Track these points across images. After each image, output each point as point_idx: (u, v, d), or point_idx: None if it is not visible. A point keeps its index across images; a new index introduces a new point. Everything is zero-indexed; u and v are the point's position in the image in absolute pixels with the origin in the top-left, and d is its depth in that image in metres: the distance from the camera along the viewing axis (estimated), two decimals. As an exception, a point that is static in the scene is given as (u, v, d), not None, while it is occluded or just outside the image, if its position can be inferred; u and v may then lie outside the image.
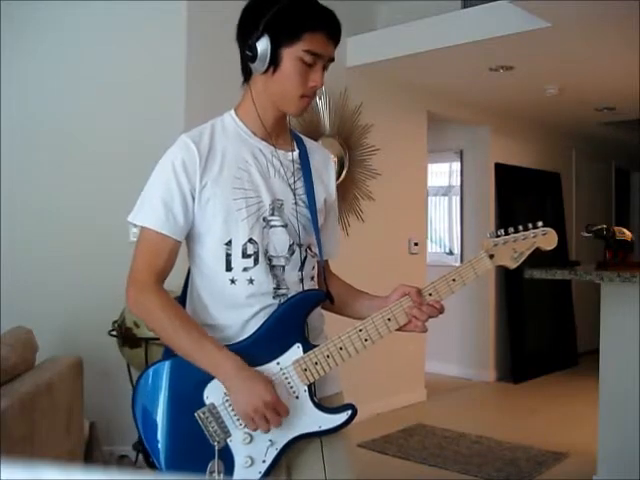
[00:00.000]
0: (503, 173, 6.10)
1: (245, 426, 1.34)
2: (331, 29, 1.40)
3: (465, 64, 4.49)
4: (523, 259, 1.45)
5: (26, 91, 3.73)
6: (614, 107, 5.78)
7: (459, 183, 6.18)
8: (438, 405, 5.16)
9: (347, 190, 4.46)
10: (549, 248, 1.46)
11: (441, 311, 1.43)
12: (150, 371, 1.41)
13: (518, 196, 6.24)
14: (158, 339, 3.07)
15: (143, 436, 1.39)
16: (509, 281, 6.01)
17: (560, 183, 6.96)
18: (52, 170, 3.68)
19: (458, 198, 6.20)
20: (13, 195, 3.68)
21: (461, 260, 6.08)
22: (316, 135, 4.33)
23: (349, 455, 1.51)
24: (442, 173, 6.31)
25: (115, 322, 3.23)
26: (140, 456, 3.29)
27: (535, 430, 4.44)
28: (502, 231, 1.45)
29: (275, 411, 1.31)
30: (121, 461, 3.33)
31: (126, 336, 3.14)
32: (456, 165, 6.20)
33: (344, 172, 4.46)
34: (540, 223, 1.46)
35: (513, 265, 1.45)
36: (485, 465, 3.76)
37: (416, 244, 5.17)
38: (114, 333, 3.23)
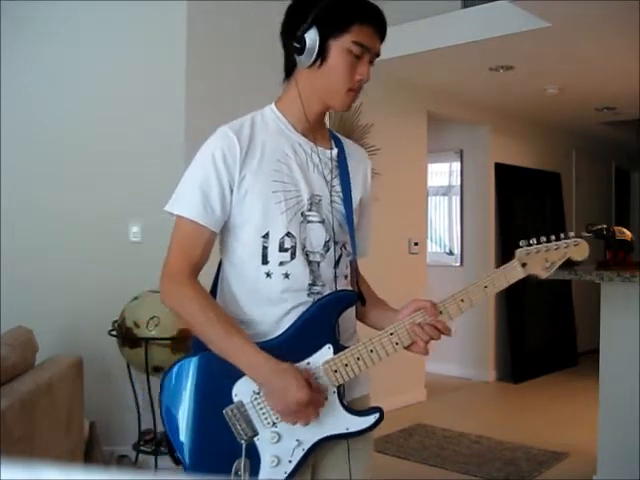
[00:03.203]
0: (503, 173, 6.10)
1: (273, 425, 1.33)
2: (378, 23, 1.40)
3: (465, 64, 4.49)
4: (554, 269, 1.44)
5: (26, 91, 3.73)
6: (614, 107, 5.78)
7: (459, 183, 6.18)
8: (438, 405, 5.16)
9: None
10: (580, 259, 1.45)
11: (443, 332, 1.41)
12: (178, 365, 1.39)
13: (518, 196, 6.24)
14: (158, 339, 3.08)
15: (169, 431, 1.37)
16: (509, 281, 6.00)
17: (560, 183, 6.96)
18: (52, 170, 3.68)
19: (458, 198, 6.20)
20: (13, 195, 3.68)
21: (461, 260, 6.08)
22: (316, 135, 4.33)
23: (370, 459, 1.51)
24: (442, 173, 6.31)
25: (115, 322, 3.23)
26: (140, 456, 3.30)
27: (535, 430, 4.44)
28: (534, 240, 1.43)
29: (311, 406, 1.30)
30: (121, 461, 3.33)
31: (126, 336, 3.14)
32: (456, 165, 6.20)
33: (344, 172, 4.45)
34: (572, 233, 1.45)
35: (544, 275, 1.44)
36: (485, 465, 3.75)
37: (416, 244, 5.17)
38: (114, 333, 3.23)
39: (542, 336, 6.34)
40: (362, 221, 1.57)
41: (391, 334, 1.38)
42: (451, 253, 6.20)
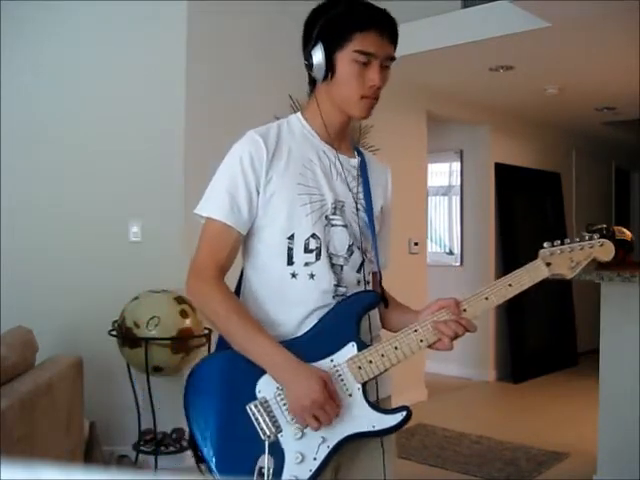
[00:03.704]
0: (503, 173, 6.10)
1: (297, 422, 1.33)
2: (381, 27, 1.42)
3: (465, 64, 4.49)
4: (580, 269, 1.44)
5: (26, 91, 3.73)
6: (614, 107, 5.79)
7: (459, 183, 6.18)
8: (438, 405, 5.16)
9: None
10: (606, 259, 1.45)
11: (468, 329, 1.41)
12: (203, 363, 1.42)
13: (518, 196, 6.24)
14: (158, 339, 3.08)
15: (193, 428, 1.37)
16: (509, 281, 6.01)
17: (560, 183, 6.96)
18: (52, 170, 3.68)
19: (458, 198, 6.20)
20: (13, 195, 3.68)
21: (461, 260, 6.08)
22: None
23: (395, 461, 1.52)
24: (442, 173, 6.31)
25: (115, 322, 3.23)
26: (140, 456, 3.30)
27: (535, 430, 4.44)
28: (558, 241, 1.44)
29: (325, 409, 1.30)
30: (121, 461, 3.33)
31: (126, 336, 3.14)
32: (456, 165, 6.20)
33: (344, 172, 4.45)
34: (596, 236, 1.45)
35: (570, 275, 1.44)
36: (485, 465, 3.75)
37: (416, 244, 5.17)
38: (114, 333, 3.23)
39: (542, 336, 6.34)
40: (382, 230, 1.60)
41: (415, 331, 1.39)
42: (451, 253, 6.20)
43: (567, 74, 4.72)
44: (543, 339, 6.34)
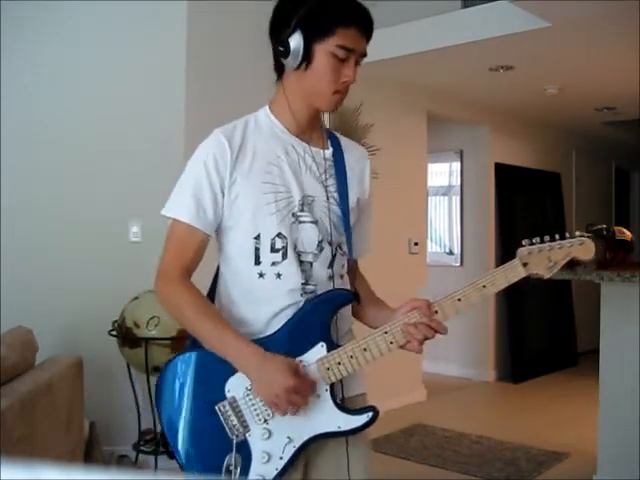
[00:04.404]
0: (503, 173, 6.10)
1: (264, 422, 1.35)
2: (363, 24, 1.41)
3: (465, 64, 4.49)
4: (558, 268, 1.41)
5: (26, 91, 3.73)
6: (614, 107, 5.78)
7: (459, 183, 6.18)
8: (438, 405, 5.16)
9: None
10: (586, 258, 1.41)
11: (438, 331, 1.39)
12: (174, 362, 1.42)
13: (518, 196, 6.24)
14: (158, 339, 3.08)
15: (164, 426, 1.41)
16: (509, 281, 6.01)
17: (560, 183, 6.96)
18: (52, 170, 3.68)
19: (458, 198, 6.20)
20: (13, 195, 3.68)
21: (461, 260, 6.08)
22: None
23: (367, 459, 1.50)
24: (442, 173, 6.31)
25: (115, 322, 3.23)
26: (140, 456, 3.30)
27: (535, 430, 4.44)
28: (538, 239, 1.40)
29: (299, 394, 1.31)
30: (121, 461, 3.33)
31: (126, 336, 3.14)
32: (456, 165, 6.20)
33: (344, 172, 4.45)
34: (577, 232, 1.41)
35: (547, 274, 1.41)
36: (485, 465, 3.76)
37: (416, 244, 5.17)
38: (114, 333, 3.23)
39: (542, 336, 6.33)
40: (362, 220, 1.57)
41: (385, 333, 1.39)
42: (451, 253, 6.20)
43: (567, 74, 4.72)
44: (543, 339, 6.34)
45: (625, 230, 3.51)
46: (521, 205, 6.24)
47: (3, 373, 2.23)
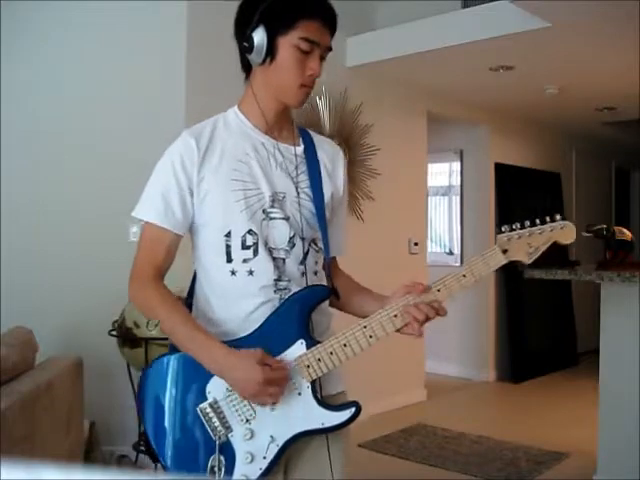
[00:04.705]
0: (503, 173, 6.10)
1: (246, 422, 1.35)
2: (326, 16, 1.41)
3: (465, 64, 4.49)
4: (539, 254, 1.39)
5: (26, 91, 3.74)
6: (614, 107, 5.78)
7: (459, 183, 6.18)
8: (438, 405, 5.16)
9: (347, 190, 4.45)
10: (567, 242, 1.39)
11: (439, 312, 1.39)
12: (154, 365, 1.43)
13: (518, 196, 6.24)
14: (158, 339, 3.08)
15: (147, 429, 1.41)
16: (509, 281, 6.01)
17: (560, 183, 6.96)
18: (52, 170, 3.68)
19: (458, 198, 6.20)
20: (13, 195, 3.68)
21: (461, 260, 6.08)
22: (316, 135, 4.33)
23: (346, 455, 1.50)
24: (442, 173, 6.31)
25: (115, 322, 3.23)
26: (140, 456, 3.30)
27: (535, 430, 4.44)
28: (518, 225, 1.40)
29: (273, 384, 1.31)
30: (121, 461, 3.33)
31: (126, 336, 3.14)
32: (456, 165, 6.20)
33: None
34: (558, 216, 1.39)
35: (528, 260, 1.39)
36: (485, 465, 3.76)
37: (416, 244, 5.17)
38: (114, 333, 3.23)
39: (542, 336, 6.33)
40: (334, 218, 1.55)
41: (364, 327, 1.38)
42: (451, 253, 6.20)
43: (567, 74, 4.72)
44: (543, 339, 6.33)
45: (625, 230, 3.51)
46: (521, 205, 6.24)
47: (3, 373, 2.23)
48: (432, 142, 5.49)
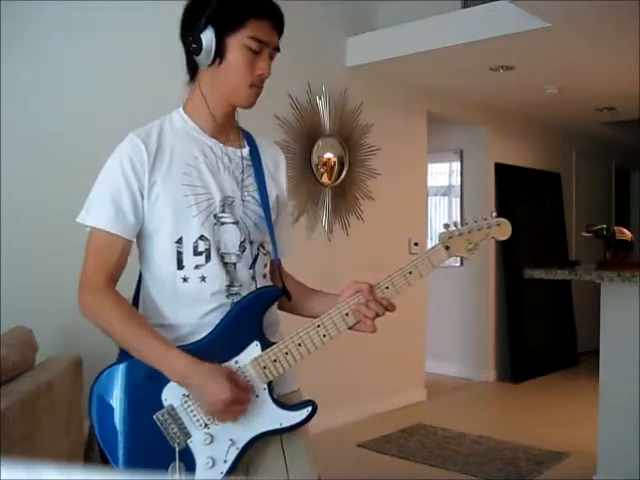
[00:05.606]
0: (503, 173, 6.10)
1: (205, 427, 1.33)
2: (275, 16, 1.40)
3: (465, 64, 4.49)
4: (477, 249, 1.47)
5: (26, 91, 3.73)
6: (614, 107, 5.79)
7: (459, 183, 6.19)
8: (438, 405, 5.15)
9: (347, 190, 4.46)
10: (503, 238, 1.48)
11: (388, 308, 1.41)
12: (105, 374, 1.38)
13: (518, 196, 6.24)
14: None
15: (100, 440, 1.36)
16: (509, 281, 6.01)
17: (560, 183, 6.96)
18: (52, 170, 3.68)
19: (458, 198, 6.20)
20: (13, 195, 3.68)
21: (461, 260, 6.08)
22: (316, 135, 4.33)
23: (309, 451, 1.49)
24: (442, 173, 6.31)
25: (115, 322, 3.23)
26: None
27: (535, 430, 4.44)
28: (457, 223, 1.46)
29: (237, 404, 1.30)
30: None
31: (126, 336, 3.14)
32: (456, 165, 6.20)
33: (344, 172, 4.45)
34: (494, 214, 1.48)
35: (468, 256, 1.46)
36: (485, 465, 3.75)
37: (416, 244, 5.16)
38: (114, 333, 3.23)
39: (542, 336, 6.34)
40: (280, 219, 1.55)
41: (318, 326, 1.39)
42: (451, 253, 6.20)
43: (567, 74, 4.72)
44: (543, 339, 6.34)
45: (625, 230, 3.51)
46: (521, 205, 6.24)
47: (3, 373, 2.23)
48: (432, 142, 5.49)
